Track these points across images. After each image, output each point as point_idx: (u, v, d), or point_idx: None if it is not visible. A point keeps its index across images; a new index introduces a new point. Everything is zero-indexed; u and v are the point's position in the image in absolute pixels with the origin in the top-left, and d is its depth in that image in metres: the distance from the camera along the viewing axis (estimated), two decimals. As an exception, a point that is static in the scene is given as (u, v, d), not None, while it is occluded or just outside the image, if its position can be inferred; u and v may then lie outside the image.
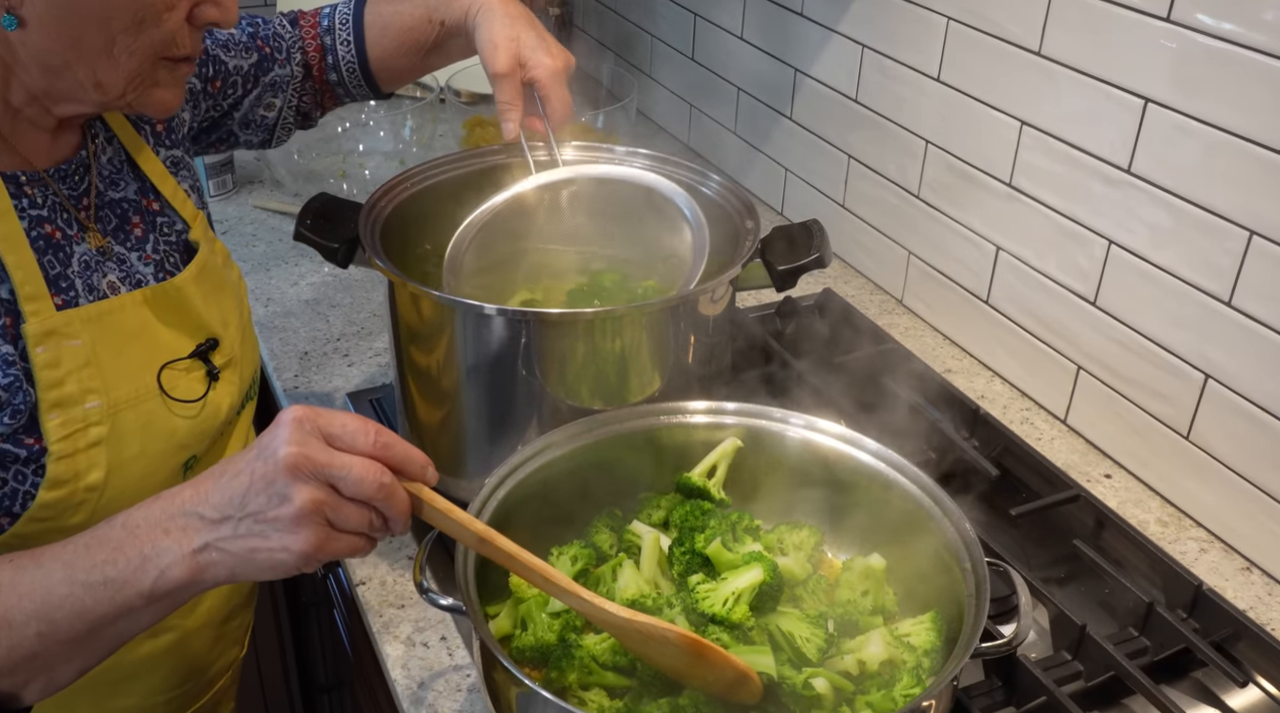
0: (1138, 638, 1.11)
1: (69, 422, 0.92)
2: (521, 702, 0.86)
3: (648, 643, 0.87)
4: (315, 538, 0.74)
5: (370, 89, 1.32)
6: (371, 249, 1.13)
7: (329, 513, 0.75)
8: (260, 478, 0.74)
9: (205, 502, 0.76)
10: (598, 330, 1.10)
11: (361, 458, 0.75)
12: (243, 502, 0.74)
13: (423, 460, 0.79)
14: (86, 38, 0.86)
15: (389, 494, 0.76)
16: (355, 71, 1.30)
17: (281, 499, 0.73)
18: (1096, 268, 1.31)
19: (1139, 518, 1.26)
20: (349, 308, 1.61)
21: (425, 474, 0.80)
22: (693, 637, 0.87)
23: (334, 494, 0.75)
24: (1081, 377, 1.37)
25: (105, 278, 0.99)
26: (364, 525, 0.77)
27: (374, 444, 0.76)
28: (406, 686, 1.04)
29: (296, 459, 0.73)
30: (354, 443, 0.76)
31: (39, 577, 0.77)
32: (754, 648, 0.93)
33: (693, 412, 1.09)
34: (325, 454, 0.74)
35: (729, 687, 0.88)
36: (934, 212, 1.55)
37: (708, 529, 1.02)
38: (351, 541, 0.77)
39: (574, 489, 1.07)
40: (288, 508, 0.73)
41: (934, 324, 1.61)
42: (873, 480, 1.04)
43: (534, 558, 0.85)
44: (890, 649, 0.95)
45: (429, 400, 1.20)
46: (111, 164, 1.04)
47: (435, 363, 1.16)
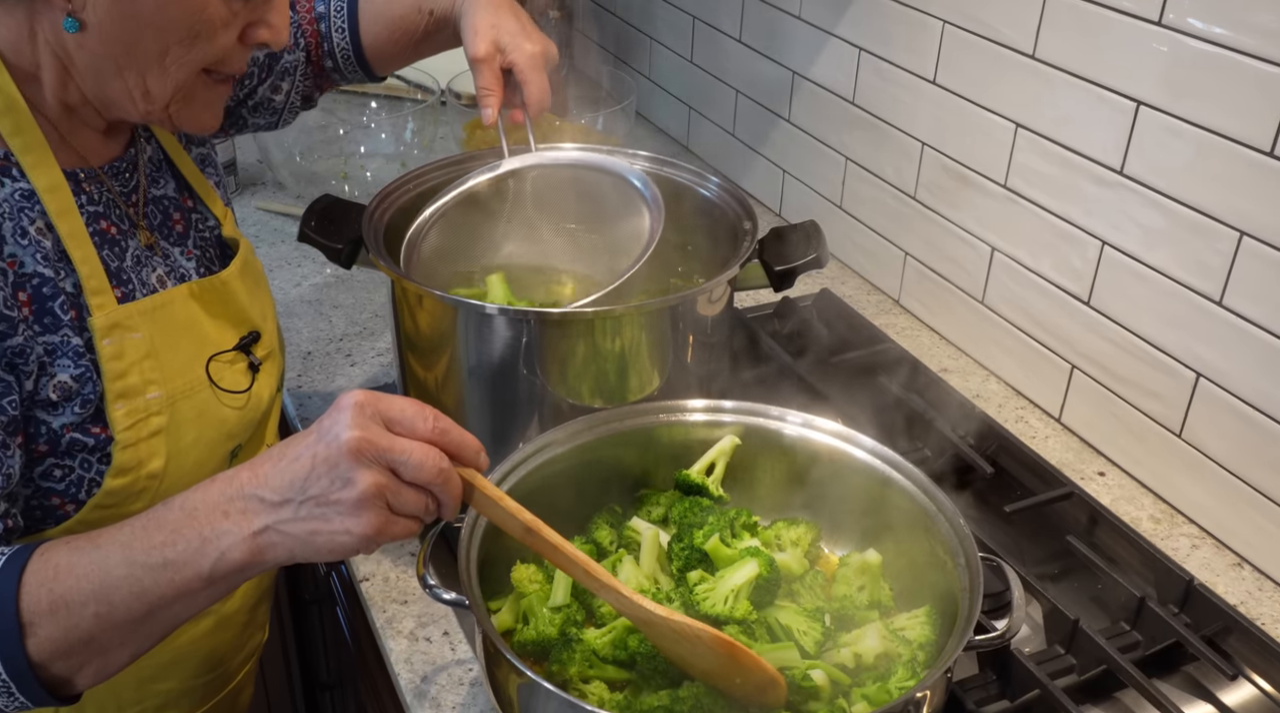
0: (1129, 632, 1.13)
1: (133, 412, 0.94)
2: (523, 694, 0.88)
3: (680, 643, 0.89)
4: (376, 521, 0.75)
5: (365, 73, 1.35)
6: (375, 249, 1.15)
7: (390, 497, 0.76)
8: (323, 461, 0.74)
9: (265, 485, 0.76)
10: (598, 330, 1.11)
11: (421, 443, 0.76)
12: (304, 485, 0.75)
13: (476, 446, 0.81)
14: (142, 44, 0.89)
15: (446, 479, 0.77)
16: (350, 59, 1.33)
17: (345, 483, 0.74)
18: (1090, 268, 1.33)
19: (1132, 515, 1.28)
20: (351, 308, 1.63)
21: (478, 460, 0.81)
22: (726, 639, 0.88)
23: (394, 478, 0.76)
24: (1075, 376, 1.39)
25: (154, 273, 1.02)
26: (421, 510, 0.78)
27: (432, 429, 0.77)
28: (410, 680, 1.06)
29: (360, 443, 0.74)
30: (413, 428, 0.77)
31: (97, 558, 0.77)
32: (779, 646, 0.95)
33: (691, 410, 1.11)
34: (387, 439, 0.75)
35: (757, 689, 0.90)
36: (930, 213, 1.57)
37: (706, 525, 1.03)
38: (408, 524, 0.78)
39: (575, 486, 1.08)
40: (350, 491, 0.74)
41: (930, 324, 1.63)
42: (869, 477, 1.06)
43: (577, 551, 0.86)
44: (886, 643, 0.97)
45: (432, 399, 1.21)
46: (152, 162, 1.06)
47: (437, 362, 1.18)
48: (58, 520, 0.94)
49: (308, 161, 1.95)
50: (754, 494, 1.13)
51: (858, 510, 1.08)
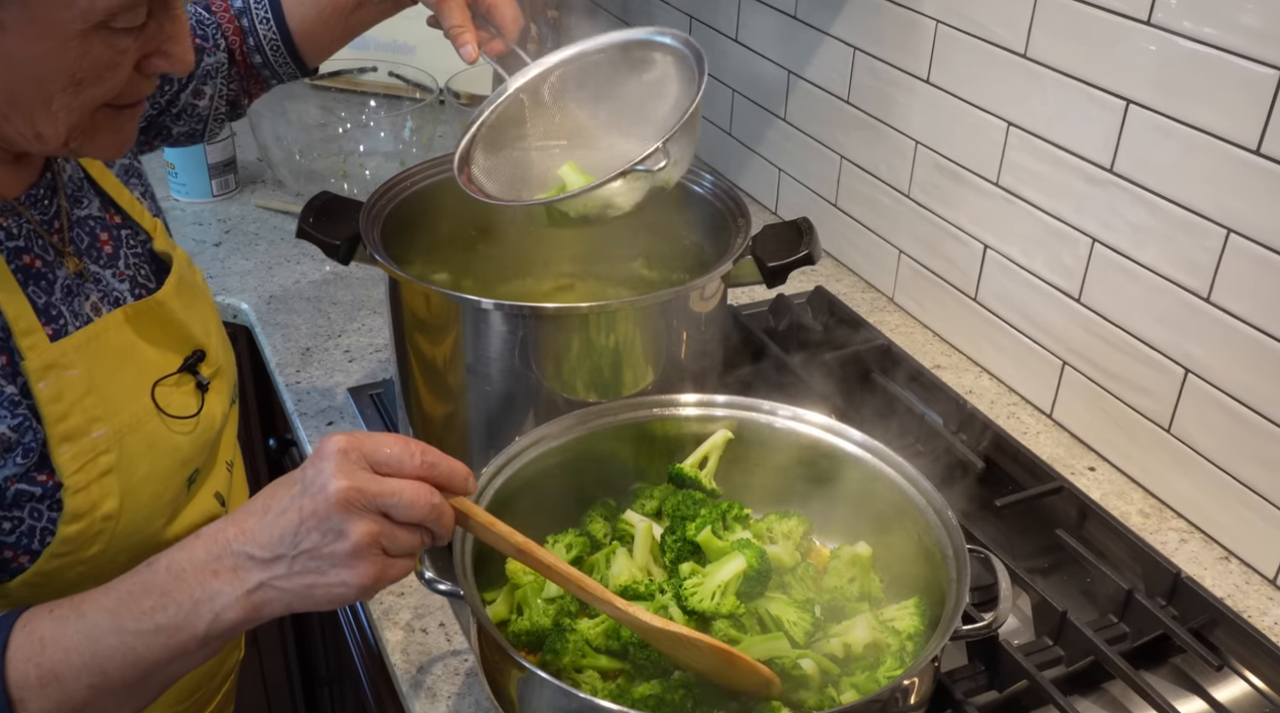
0: (1117, 624, 1.14)
1: (80, 454, 0.89)
2: (519, 683, 0.89)
3: (677, 648, 0.90)
4: (373, 569, 0.74)
5: (297, 65, 1.27)
6: (372, 245, 1.16)
7: (384, 542, 0.74)
8: (311, 515, 0.73)
9: (253, 541, 0.75)
10: (592, 324, 1.13)
11: (410, 481, 0.75)
12: (295, 540, 0.73)
13: (464, 473, 0.79)
14: (23, 95, 0.81)
15: (439, 514, 0.77)
16: (280, 49, 1.25)
17: (337, 535, 0.73)
18: (1080, 265, 1.34)
19: (1121, 509, 1.29)
20: (349, 305, 1.64)
21: (468, 486, 0.80)
22: (722, 647, 0.90)
23: (387, 522, 0.74)
24: (1067, 372, 1.40)
25: (87, 301, 0.96)
26: (415, 546, 0.77)
27: (420, 465, 0.76)
28: (406, 670, 1.07)
29: (348, 494, 0.72)
30: (401, 466, 0.75)
31: (84, 628, 0.76)
32: (769, 637, 0.96)
33: (684, 404, 1.12)
34: (375, 484, 0.73)
35: (754, 688, 0.91)
36: (924, 211, 1.58)
37: (698, 518, 1.05)
38: (405, 563, 0.77)
39: (569, 480, 1.10)
40: (344, 543, 0.73)
41: (924, 321, 1.64)
42: (858, 470, 1.07)
43: (570, 568, 0.87)
44: (875, 633, 0.98)
45: (429, 395, 1.23)
46: (73, 182, 1.00)
47: (434, 357, 1.19)
48: (13, 574, 0.90)
49: (307, 160, 1.97)
50: (747, 487, 1.14)
51: (848, 503, 1.09)
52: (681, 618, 0.97)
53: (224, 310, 1.65)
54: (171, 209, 1.90)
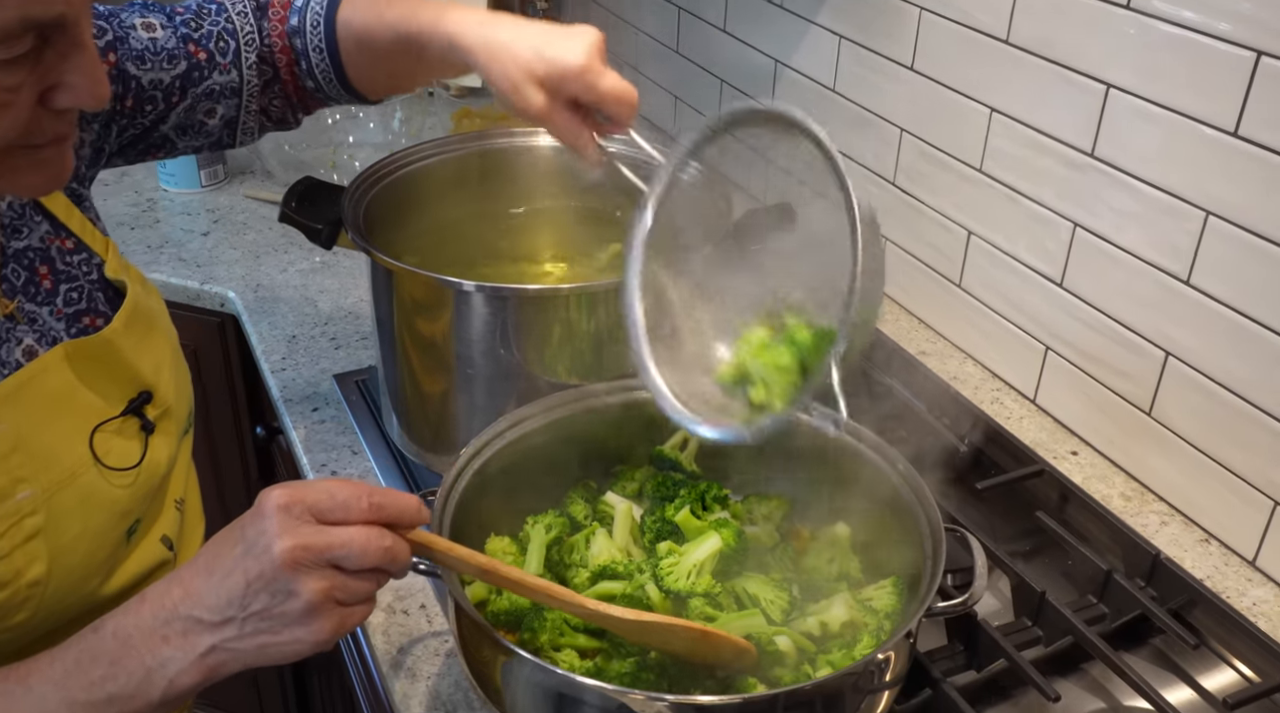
0: (1096, 605, 1.14)
1: (2, 518, 0.82)
2: (499, 662, 0.89)
3: (653, 635, 0.90)
4: (330, 624, 0.73)
5: (357, 99, 1.14)
6: (353, 229, 1.16)
7: (339, 595, 0.72)
8: (257, 578, 0.71)
9: (200, 604, 0.72)
10: (574, 307, 1.13)
11: (359, 528, 0.72)
12: (243, 602, 0.71)
13: (414, 506, 0.77)
14: None
15: (394, 556, 0.74)
16: (334, 82, 1.11)
17: (287, 595, 0.71)
18: (1062, 250, 1.35)
19: (1103, 493, 1.30)
20: (337, 293, 1.65)
21: (420, 517, 0.77)
22: (696, 627, 0.90)
23: (339, 574, 0.72)
24: (1050, 357, 1.40)
25: (19, 346, 0.88)
26: (372, 591, 0.75)
27: (368, 508, 0.73)
28: (386, 651, 1.08)
29: (294, 553, 0.70)
30: (347, 512, 0.73)
31: (31, 702, 0.73)
32: (745, 613, 0.96)
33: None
34: (322, 537, 0.71)
35: (731, 659, 0.92)
36: (909, 198, 1.58)
37: (677, 498, 1.05)
38: (363, 610, 0.75)
39: (550, 462, 1.10)
40: (295, 603, 0.71)
41: (909, 308, 1.65)
42: (838, 451, 1.07)
43: (537, 578, 0.87)
44: (852, 612, 0.98)
45: (412, 379, 1.23)
46: (12, 210, 0.91)
47: (417, 341, 1.20)
48: None
49: (296, 150, 1.97)
50: (729, 470, 1.15)
51: (828, 484, 1.10)
52: (659, 597, 0.97)
53: (211, 300, 1.65)
54: (160, 199, 1.90)
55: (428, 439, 1.26)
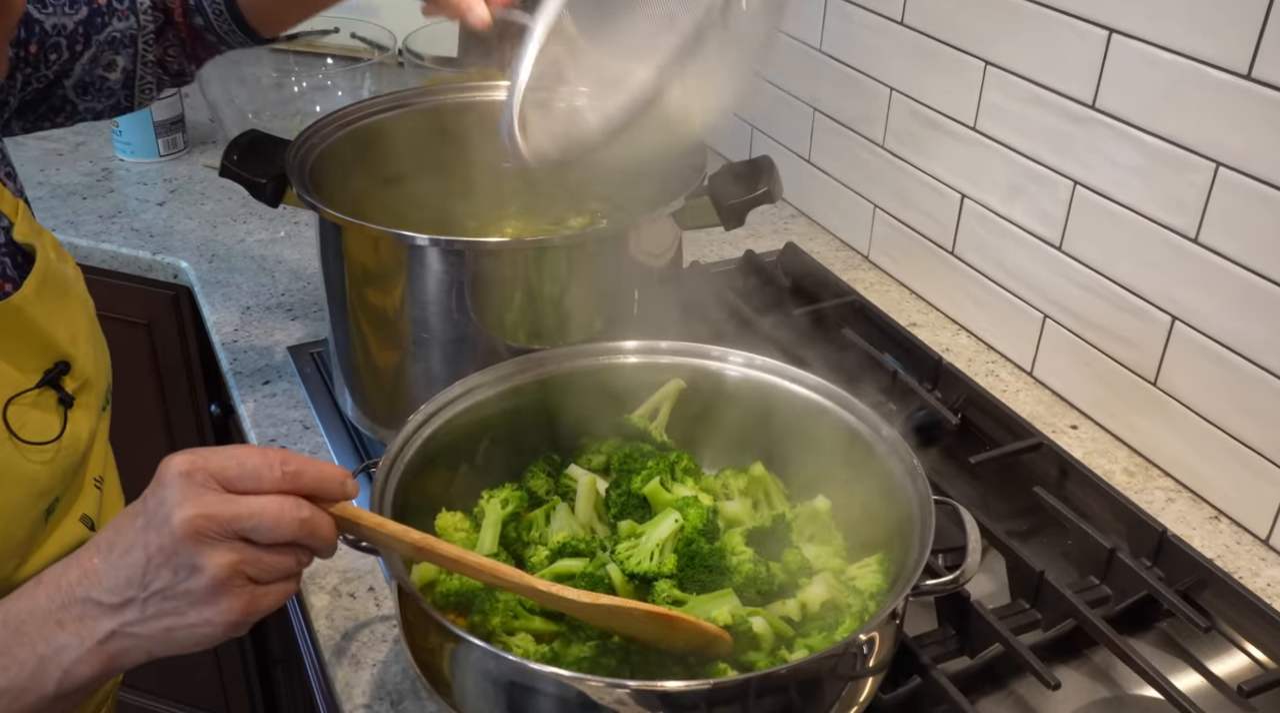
0: (1099, 586, 1.06)
1: None
2: (446, 649, 0.81)
3: (613, 619, 0.82)
4: (239, 604, 0.65)
5: (246, 34, 1.11)
6: (298, 181, 1.08)
7: (249, 570, 0.65)
8: (158, 552, 0.64)
9: (97, 584, 0.66)
10: (534, 263, 1.05)
11: (272, 497, 0.66)
12: (144, 580, 0.65)
13: (340, 477, 0.70)
14: None
15: (312, 529, 0.67)
16: (223, 14, 1.08)
17: (190, 571, 0.64)
18: (1061, 211, 1.26)
19: (1105, 468, 1.22)
20: (296, 264, 1.56)
21: (345, 490, 0.70)
22: (658, 611, 0.82)
23: (250, 548, 0.65)
24: (1048, 326, 1.32)
25: None
26: (290, 568, 0.68)
27: (281, 477, 0.66)
28: (329, 637, 0.99)
29: (195, 523, 0.63)
30: (258, 481, 0.66)
31: None
32: (716, 596, 0.88)
33: (631, 352, 1.04)
34: (228, 506, 0.64)
35: (704, 647, 0.84)
36: (899, 162, 1.50)
37: (644, 470, 0.97)
38: (281, 589, 0.68)
39: (508, 433, 1.02)
40: (199, 579, 0.64)
41: (900, 278, 1.56)
42: (815, 417, 0.99)
43: (479, 557, 0.79)
44: (833, 592, 0.90)
45: (363, 346, 1.15)
46: None
47: (367, 304, 1.11)
48: None
49: (261, 121, 1.88)
50: (700, 440, 1.07)
51: (806, 454, 1.02)
52: (621, 579, 0.89)
53: (164, 271, 1.57)
54: (116, 169, 1.82)
55: (382, 412, 1.18)
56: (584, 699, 0.75)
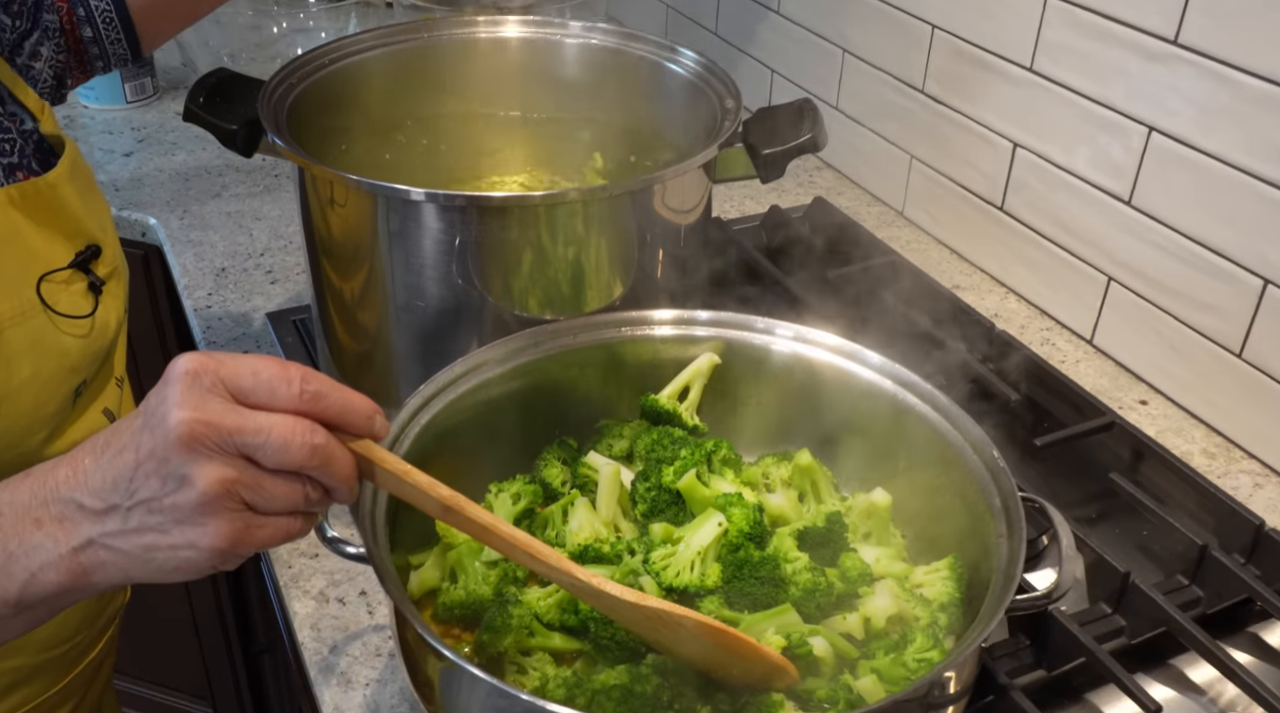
0: (1188, 587, 0.94)
1: None
2: (440, 674, 0.69)
3: (659, 630, 0.70)
4: (229, 529, 0.58)
5: (129, 47, 1.05)
6: (272, 126, 0.94)
7: (246, 494, 0.58)
8: (148, 455, 0.57)
9: (83, 486, 0.59)
10: (546, 222, 0.91)
11: (284, 416, 0.57)
12: (130, 487, 0.58)
13: (367, 410, 0.61)
14: None
15: (326, 459, 0.59)
16: (114, 22, 1.03)
17: (180, 482, 0.57)
18: (1133, 160, 1.13)
19: (1182, 449, 1.09)
20: (276, 221, 1.42)
21: (372, 426, 0.62)
22: (715, 625, 0.70)
23: (251, 468, 0.57)
24: (1113, 289, 1.19)
25: None
26: (296, 503, 0.60)
27: (299, 395, 0.58)
28: (316, 650, 0.87)
29: (192, 428, 0.56)
30: (272, 395, 0.58)
31: None
32: (773, 614, 0.75)
33: (660, 322, 0.91)
34: (232, 416, 0.56)
35: (762, 677, 0.72)
36: (941, 108, 1.36)
37: (678, 461, 0.84)
38: (281, 525, 0.60)
39: (518, 415, 0.89)
40: (188, 493, 0.57)
41: (939, 237, 1.43)
42: (876, 401, 0.87)
43: (513, 529, 0.67)
44: (900, 604, 0.78)
45: (347, 316, 1.01)
46: None
47: (354, 268, 0.98)
48: None
49: (237, 65, 1.73)
50: (735, 424, 0.94)
51: (862, 442, 0.89)
52: (658, 594, 0.76)
53: (130, 228, 1.43)
54: (79, 117, 1.67)
55: (373, 391, 1.03)
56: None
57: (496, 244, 0.91)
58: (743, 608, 0.75)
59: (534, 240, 0.92)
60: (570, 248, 0.93)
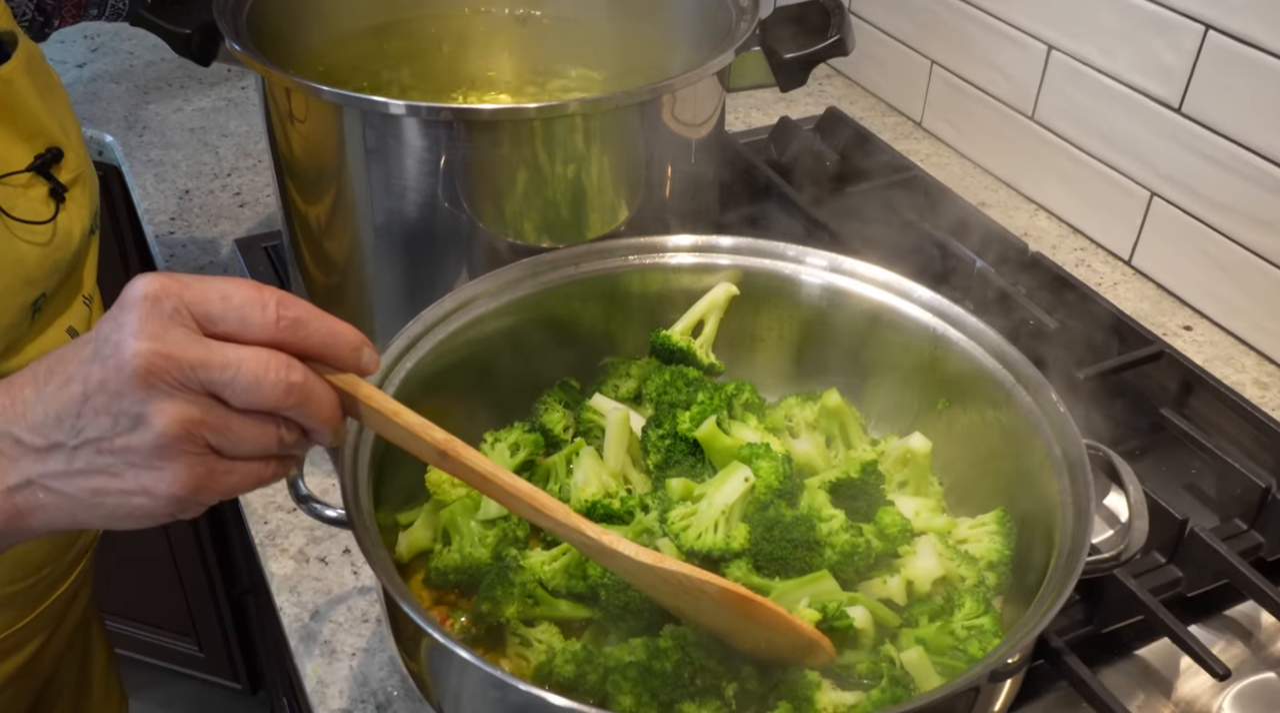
0: (1248, 532, 0.87)
1: None
2: (434, 656, 0.61)
3: (679, 596, 0.63)
4: (189, 475, 0.51)
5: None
6: (230, 31, 0.83)
7: (210, 436, 0.51)
8: (98, 389, 0.50)
9: (22, 419, 0.52)
10: (543, 138, 0.81)
11: (256, 348, 0.50)
12: (77, 424, 0.51)
13: (354, 340, 0.54)
14: None
15: (303, 398, 0.51)
16: None
17: (134, 422, 0.50)
18: (1186, 63, 1.03)
19: (1232, 379, 1.01)
20: (244, 137, 1.31)
21: (359, 360, 0.54)
22: (742, 594, 0.62)
23: (217, 407, 0.50)
24: (1155, 205, 1.10)
25: None
26: (268, 446, 0.52)
27: (275, 322, 0.50)
28: (296, 616, 0.79)
29: (150, 361, 0.48)
30: (244, 324, 0.50)
31: None
32: (808, 581, 0.67)
33: (674, 250, 0.82)
34: (197, 349, 0.49)
35: (796, 653, 0.65)
36: (964, 6, 1.25)
37: (695, 405, 0.75)
38: (250, 470, 0.53)
39: (514, 354, 0.80)
40: (143, 434, 0.50)
41: (961, 150, 1.33)
42: (916, 337, 0.78)
43: (517, 479, 0.59)
44: (945, 564, 0.70)
45: (319, 244, 0.91)
46: None
47: (326, 191, 0.87)
48: None
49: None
50: (753, 362, 0.86)
51: (895, 381, 0.81)
52: (675, 553, 0.68)
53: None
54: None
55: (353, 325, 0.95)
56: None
57: (487, 163, 0.81)
58: (773, 573, 0.67)
59: (529, 158, 0.82)
60: (570, 167, 0.83)
